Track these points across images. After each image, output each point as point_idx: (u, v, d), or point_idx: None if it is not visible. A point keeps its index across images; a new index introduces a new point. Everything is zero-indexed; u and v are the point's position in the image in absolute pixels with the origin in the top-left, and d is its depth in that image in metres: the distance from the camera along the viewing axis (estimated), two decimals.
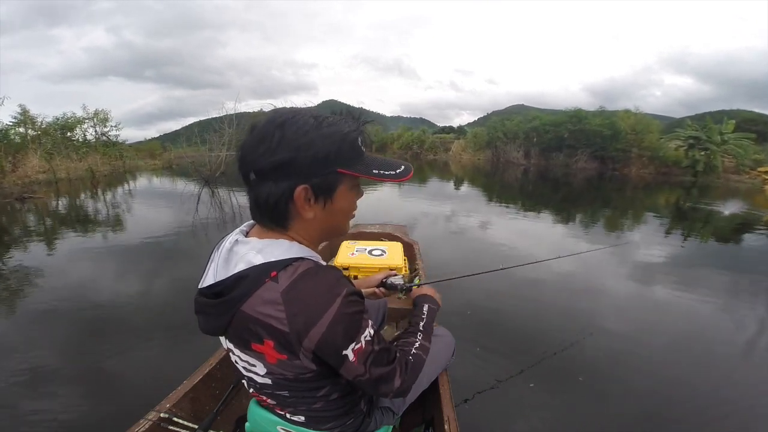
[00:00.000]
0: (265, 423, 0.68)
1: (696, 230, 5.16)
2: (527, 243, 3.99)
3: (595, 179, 12.12)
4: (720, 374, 1.77)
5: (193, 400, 1.00)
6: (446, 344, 1.05)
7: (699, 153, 12.72)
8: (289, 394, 0.60)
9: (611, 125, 14.85)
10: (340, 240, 2.22)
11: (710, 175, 12.61)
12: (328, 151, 0.51)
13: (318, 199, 0.54)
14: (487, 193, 8.71)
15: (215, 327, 0.56)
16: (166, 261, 3.39)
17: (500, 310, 2.34)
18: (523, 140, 17.66)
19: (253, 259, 0.52)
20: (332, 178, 0.54)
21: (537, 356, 1.84)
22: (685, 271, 3.29)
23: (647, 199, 8.45)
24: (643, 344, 1.99)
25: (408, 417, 1.00)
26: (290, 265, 0.52)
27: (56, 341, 1.98)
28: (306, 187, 0.52)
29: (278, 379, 0.57)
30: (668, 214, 6.53)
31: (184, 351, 1.83)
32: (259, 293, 0.51)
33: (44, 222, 5.35)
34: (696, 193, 9.40)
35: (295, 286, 0.51)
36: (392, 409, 0.82)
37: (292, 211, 0.54)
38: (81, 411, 1.46)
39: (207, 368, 1.08)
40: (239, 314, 0.52)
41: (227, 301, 0.52)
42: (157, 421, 0.89)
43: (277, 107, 0.57)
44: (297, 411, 0.63)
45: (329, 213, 0.56)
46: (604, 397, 1.59)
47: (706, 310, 2.46)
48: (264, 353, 0.54)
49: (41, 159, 10.18)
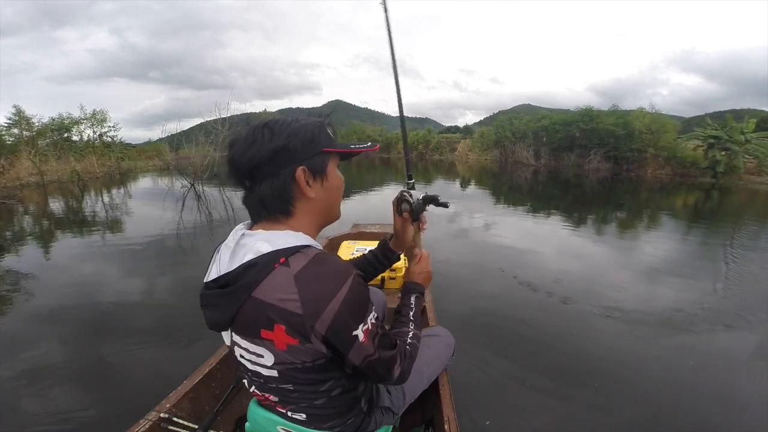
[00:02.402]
0: (265, 423, 0.70)
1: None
2: (532, 245, 4.00)
3: (608, 181, 12.07)
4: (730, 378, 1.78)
5: (193, 400, 1.03)
6: (446, 344, 1.08)
7: (720, 153, 12.59)
8: (293, 388, 0.63)
9: (625, 124, 14.75)
10: (339, 240, 2.28)
11: (731, 177, 12.48)
12: (312, 134, 0.62)
13: (315, 178, 0.63)
14: (494, 194, 8.72)
15: (223, 318, 0.58)
16: (112, 266, 3.37)
17: (501, 311, 2.39)
18: (532, 140, 17.64)
19: (261, 248, 0.56)
20: (321, 158, 0.64)
21: (537, 356, 1.88)
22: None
23: (665, 201, 8.40)
24: (646, 346, 2.01)
25: (408, 417, 1.03)
26: (299, 251, 0.57)
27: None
28: (303, 168, 0.61)
29: (285, 369, 0.60)
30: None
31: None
32: (270, 278, 0.54)
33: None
34: (716, 196, 9.33)
35: (307, 270, 0.55)
36: (392, 409, 0.84)
37: (296, 194, 0.62)
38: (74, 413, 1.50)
39: (207, 368, 1.11)
40: (250, 301, 0.55)
41: (237, 290, 0.55)
42: (157, 421, 0.92)
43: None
44: (299, 408, 0.66)
45: (327, 190, 0.65)
46: (604, 398, 1.61)
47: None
48: (274, 340, 0.56)
49: (30, 161, 10.20)
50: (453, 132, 34.01)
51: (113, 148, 14.16)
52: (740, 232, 5.23)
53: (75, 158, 11.91)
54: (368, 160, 18.83)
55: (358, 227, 2.76)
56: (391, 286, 1.98)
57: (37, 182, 9.63)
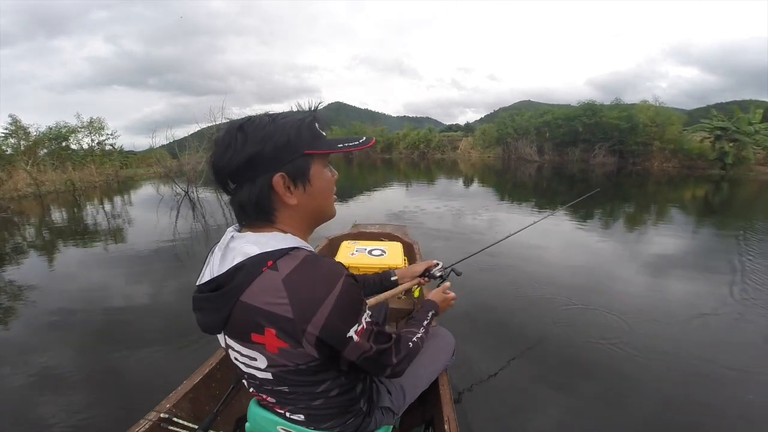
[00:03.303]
0: (265, 423, 0.71)
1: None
2: (535, 242, 3.98)
3: (614, 174, 12.02)
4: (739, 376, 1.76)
5: (193, 401, 1.04)
6: (446, 344, 1.09)
7: (728, 144, 12.52)
8: (289, 390, 0.63)
9: (629, 118, 14.73)
10: (339, 240, 2.29)
11: (740, 168, 12.40)
12: (288, 137, 0.57)
13: (296, 184, 0.59)
14: (498, 191, 8.70)
15: (214, 322, 0.59)
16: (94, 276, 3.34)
17: (501, 311, 2.38)
18: (535, 136, 17.61)
19: (249, 250, 0.56)
20: (302, 161, 0.59)
21: (538, 356, 1.88)
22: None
23: (673, 193, 8.35)
24: (648, 346, 1.98)
25: (408, 417, 1.04)
26: (287, 254, 0.56)
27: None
28: (282, 174, 0.57)
29: (279, 372, 0.60)
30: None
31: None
32: (258, 282, 0.54)
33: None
34: (726, 188, 9.26)
35: (297, 273, 0.54)
36: (392, 409, 0.84)
37: (276, 202, 0.59)
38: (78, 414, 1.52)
39: (207, 368, 1.12)
40: (239, 305, 0.55)
41: (226, 293, 0.55)
42: (157, 421, 0.93)
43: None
44: (297, 409, 0.66)
45: (311, 195, 0.61)
46: (605, 398, 1.61)
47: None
48: (265, 344, 0.56)
49: (24, 171, 10.11)
50: (454, 130, 34.02)
51: (113, 156, 14.25)
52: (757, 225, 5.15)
53: (73, 167, 11.99)
54: (370, 161, 18.91)
55: (358, 227, 2.78)
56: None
57: (34, 193, 9.56)
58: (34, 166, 10.81)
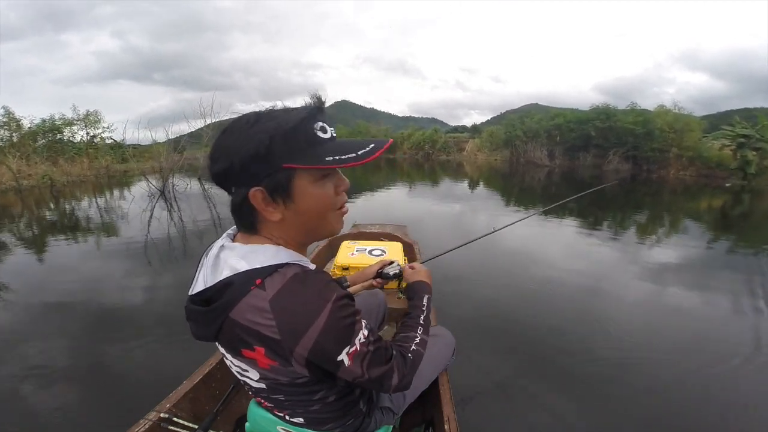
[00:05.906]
0: (264, 423, 0.74)
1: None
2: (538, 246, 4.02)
3: (627, 182, 12.00)
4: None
5: (193, 401, 1.08)
6: (446, 344, 1.12)
7: (751, 153, 12.46)
8: (285, 398, 0.65)
9: (645, 123, 14.69)
10: (339, 240, 2.34)
11: (762, 178, 12.35)
12: (257, 149, 0.52)
13: (276, 200, 0.55)
14: (505, 195, 8.70)
15: (206, 335, 0.60)
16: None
17: (501, 311, 2.43)
18: (545, 139, 17.61)
19: (236, 265, 0.55)
20: (281, 176, 0.54)
21: (538, 356, 1.93)
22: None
23: (691, 203, 8.32)
24: (650, 346, 2.04)
25: (408, 417, 1.08)
26: (276, 272, 0.55)
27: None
28: (260, 189, 0.54)
29: (272, 384, 0.62)
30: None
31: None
32: (246, 300, 0.54)
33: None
34: (747, 199, 9.23)
35: (283, 294, 0.53)
36: (392, 409, 0.88)
37: (257, 215, 0.57)
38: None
39: (207, 368, 1.16)
40: (228, 321, 0.55)
41: (215, 309, 0.55)
42: (157, 421, 0.97)
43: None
44: (295, 413, 0.69)
45: (295, 213, 0.57)
46: (606, 399, 1.65)
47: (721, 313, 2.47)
48: (255, 359, 0.57)
49: (5, 165, 9.96)
50: (460, 132, 34.08)
51: (111, 149, 14.24)
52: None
53: (65, 160, 11.99)
54: (375, 160, 18.58)
55: (358, 227, 2.84)
56: (391, 287, 2.03)
57: (15, 187, 9.41)
58: (23, 158, 10.81)
